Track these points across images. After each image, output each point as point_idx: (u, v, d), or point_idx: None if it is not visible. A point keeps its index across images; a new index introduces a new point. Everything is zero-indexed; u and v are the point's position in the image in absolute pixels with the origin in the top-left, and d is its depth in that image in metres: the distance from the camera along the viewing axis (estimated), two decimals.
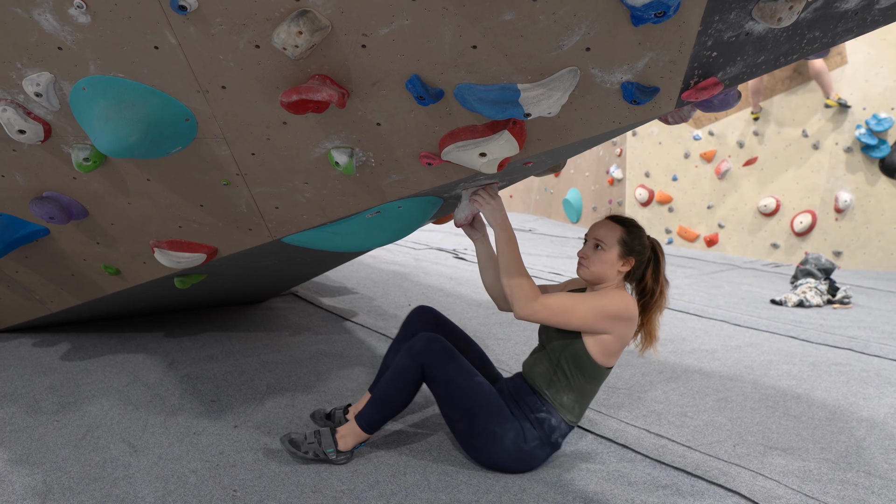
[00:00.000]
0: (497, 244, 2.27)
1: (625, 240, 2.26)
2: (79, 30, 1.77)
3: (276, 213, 2.39)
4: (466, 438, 2.27)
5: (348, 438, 2.29)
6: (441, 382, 2.24)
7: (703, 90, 1.81)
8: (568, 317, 2.17)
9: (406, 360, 2.25)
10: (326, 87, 1.76)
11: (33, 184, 2.42)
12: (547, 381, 2.29)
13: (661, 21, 1.59)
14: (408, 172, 2.13)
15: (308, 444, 2.28)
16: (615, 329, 2.19)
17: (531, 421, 2.25)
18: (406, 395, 2.27)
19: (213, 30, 1.72)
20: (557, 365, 2.27)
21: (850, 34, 1.98)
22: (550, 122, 1.93)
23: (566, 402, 2.27)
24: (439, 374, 2.23)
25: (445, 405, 2.27)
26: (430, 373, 2.23)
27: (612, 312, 2.17)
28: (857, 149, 7.05)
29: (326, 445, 2.27)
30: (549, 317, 2.18)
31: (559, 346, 2.27)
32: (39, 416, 2.61)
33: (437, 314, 2.66)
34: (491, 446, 2.22)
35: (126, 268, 2.85)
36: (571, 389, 2.27)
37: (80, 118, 2.01)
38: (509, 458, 2.23)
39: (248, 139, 2.09)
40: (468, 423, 2.24)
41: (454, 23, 1.63)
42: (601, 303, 2.18)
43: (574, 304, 2.18)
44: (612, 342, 2.22)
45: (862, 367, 3.63)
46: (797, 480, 2.30)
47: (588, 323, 2.17)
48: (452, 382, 2.23)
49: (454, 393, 2.23)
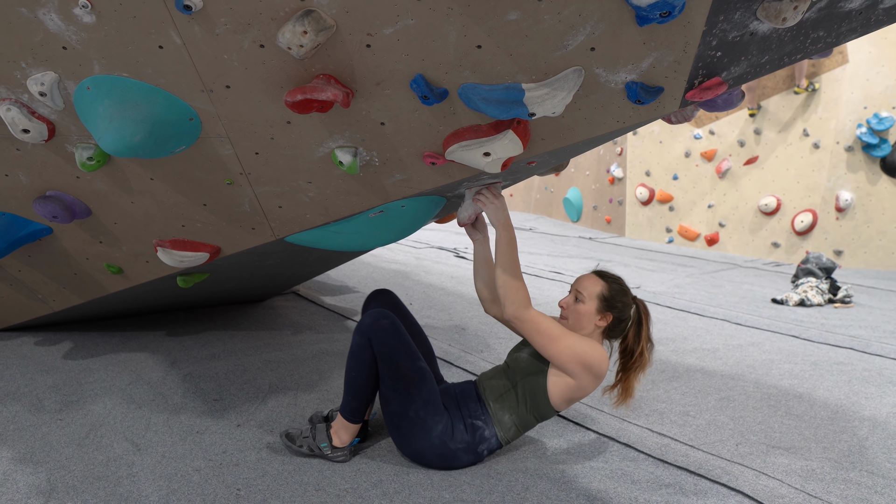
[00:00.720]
0: (497, 243, 2.28)
1: (604, 295, 2.27)
2: (84, 29, 1.78)
3: (279, 213, 2.39)
4: (395, 421, 2.24)
5: (341, 433, 2.30)
6: (384, 359, 2.20)
7: (708, 90, 1.81)
8: (547, 341, 2.18)
9: (357, 337, 2.23)
10: (331, 87, 1.76)
11: (37, 183, 2.42)
12: (497, 395, 2.30)
13: (666, 21, 1.59)
14: (411, 172, 2.13)
15: (303, 438, 2.32)
16: (581, 377, 2.21)
17: (465, 424, 2.25)
18: (367, 375, 2.23)
19: (217, 29, 1.73)
20: (514, 386, 2.29)
21: (854, 34, 1.98)
22: (554, 122, 1.93)
23: (506, 420, 2.28)
24: (384, 350, 2.19)
25: (384, 384, 2.23)
26: (376, 348, 2.20)
27: (586, 361, 2.19)
28: (858, 148, 7.05)
29: (320, 440, 2.30)
30: (531, 330, 2.19)
31: (523, 371, 2.29)
32: (42, 414, 2.61)
33: (395, 298, 2.62)
34: (417, 433, 2.21)
35: (129, 267, 2.85)
36: (516, 413, 2.29)
37: (85, 118, 2.01)
38: (431, 450, 2.22)
39: (251, 138, 2.09)
40: (401, 406, 2.21)
41: (459, 22, 1.63)
42: (581, 347, 2.19)
43: (558, 335, 2.19)
44: (573, 389, 2.24)
45: (864, 367, 3.63)
46: (800, 480, 2.30)
47: (561, 358, 2.18)
48: (395, 361, 2.20)
49: (395, 372, 2.20)
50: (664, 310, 4.90)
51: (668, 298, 5.25)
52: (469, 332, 3.96)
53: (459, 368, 3.29)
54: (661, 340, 4.02)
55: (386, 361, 2.20)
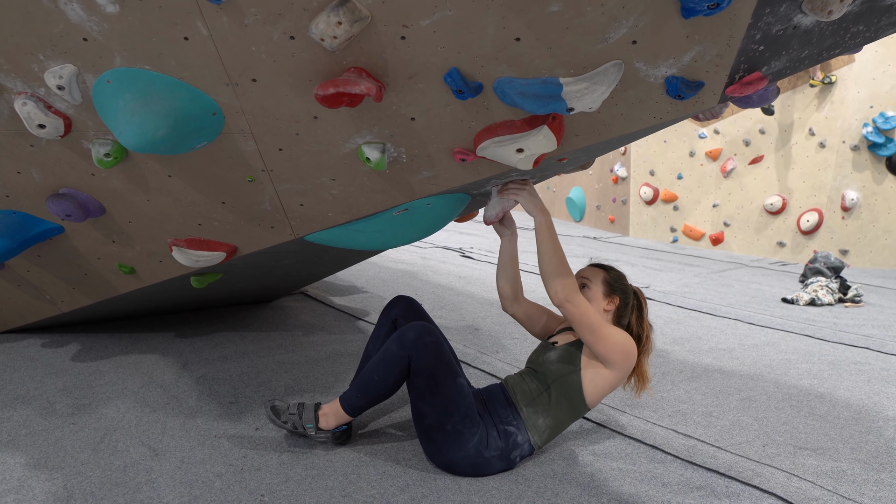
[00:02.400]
0: (538, 230, 2.26)
1: (608, 280, 2.37)
2: (106, 20, 1.72)
3: (300, 211, 2.34)
4: (430, 433, 2.18)
5: (330, 418, 2.28)
6: (424, 377, 2.15)
7: (749, 85, 1.77)
8: (596, 327, 2.17)
9: (395, 348, 2.18)
10: (364, 81, 1.71)
11: (50, 180, 2.36)
12: (529, 398, 2.26)
13: (713, 13, 1.54)
14: (440, 169, 2.08)
15: (289, 414, 2.30)
16: (619, 366, 2.22)
17: (498, 431, 2.20)
18: (391, 385, 2.20)
19: (246, 20, 1.67)
20: (547, 388, 2.26)
21: (893, 28, 1.94)
22: (589, 118, 1.88)
23: (541, 424, 2.25)
24: (424, 369, 2.14)
25: (421, 400, 2.18)
26: (415, 365, 2.15)
27: (627, 349, 2.21)
28: (864, 147, 7.04)
29: (307, 420, 2.29)
30: (580, 315, 2.17)
31: (555, 373, 2.27)
32: (54, 418, 2.55)
33: (420, 307, 2.58)
34: (454, 445, 2.16)
35: (141, 267, 2.79)
36: (550, 415, 2.25)
37: (103, 112, 1.95)
38: (466, 460, 2.17)
39: (276, 134, 2.03)
40: (438, 420, 2.16)
41: (499, 14, 1.58)
42: (622, 335, 2.22)
43: (603, 322, 2.20)
44: (608, 382, 2.25)
45: (881, 366, 3.60)
46: (831, 481, 2.26)
47: (605, 345, 2.18)
48: (436, 379, 2.15)
49: (435, 390, 2.15)
50: (676, 309, 4.86)
51: (678, 298, 5.22)
52: (483, 333, 3.91)
53: (476, 369, 3.24)
54: (677, 340, 3.99)
55: (425, 378, 2.15)
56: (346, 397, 2.27)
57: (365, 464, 2.26)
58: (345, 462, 2.26)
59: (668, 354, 3.68)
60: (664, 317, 4.60)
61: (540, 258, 2.25)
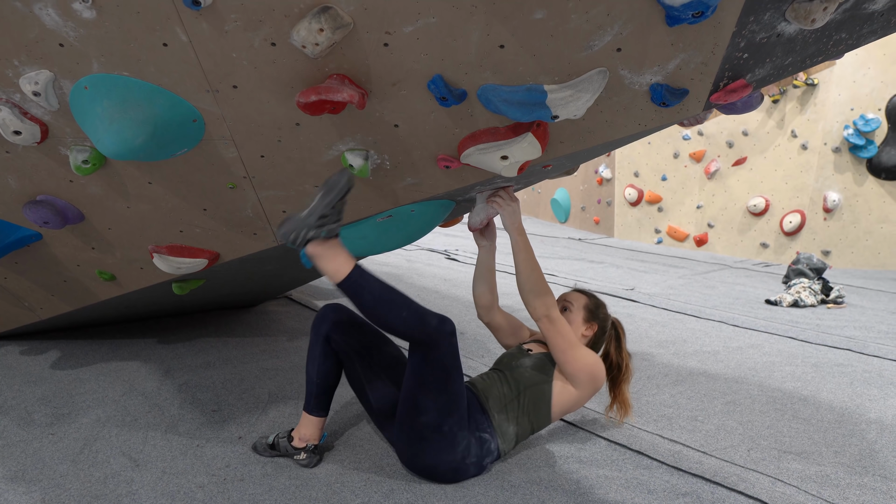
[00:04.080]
0: (515, 249, 2.30)
1: (589, 306, 2.44)
2: (83, 25, 1.68)
3: (282, 218, 2.31)
4: (423, 433, 2.09)
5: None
6: (438, 370, 2.05)
7: (733, 92, 1.77)
8: (567, 346, 2.22)
9: (434, 322, 2.02)
10: (346, 88, 1.69)
11: (27, 187, 2.31)
12: (501, 405, 2.24)
13: (698, 21, 1.54)
14: (424, 176, 2.06)
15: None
16: (585, 388, 2.27)
17: (475, 438, 2.17)
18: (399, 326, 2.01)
19: (227, 26, 1.64)
20: (518, 395, 2.26)
21: (874, 35, 1.95)
22: (574, 125, 1.88)
23: (510, 432, 2.24)
24: (443, 364, 2.05)
25: (424, 392, 2.05)
26: (436, 354, 2.04)
27: (595, 372, 2.26)
28: (846, 149, 7.11)
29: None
30: (556, 332, 2.22)
31: (528, 380, 2.27)
32: (33, 429, 2.50)
33: (349, 312, 2.29)
34: (446, 448, 2.10)
35: (122, 273, 2.75)
36: (518, 423, 2.25)
37: (81, 119, 1.91)
38: (450, 464, 2.12)
39: (257, 141, 2.01)
40: (438, 420, 2.07)
41: (483, 21, 1.57)
42: (592, 357, 2.27)
43: (576, 342, 2.26)
44: (574, 400, 2.29)
45: (863, 368, 3.63)
46: (816, 486, 2.27)
47: (575, 365, 2.23)
48: (448, 375, 2.06)
49: (444, 387, 2.06)
50: (660, 312, 4.88)
51: (663, 300, 5.24)
52: (468, 337, 3.90)
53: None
54: (661, 343, 4.00)
55: (439, 372, 2.06)
56: (359, 272, 2.02)
57: (349, 472, 2.24)
58: (328, 472, 2.24)
59: (652, 358, 3.69)
60: (649, 319, 4.61)
61: (518, 276, 2.28)
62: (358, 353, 2.24)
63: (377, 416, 2.30)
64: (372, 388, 2.26)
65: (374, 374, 2.26)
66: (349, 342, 2.23)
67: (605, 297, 5.32)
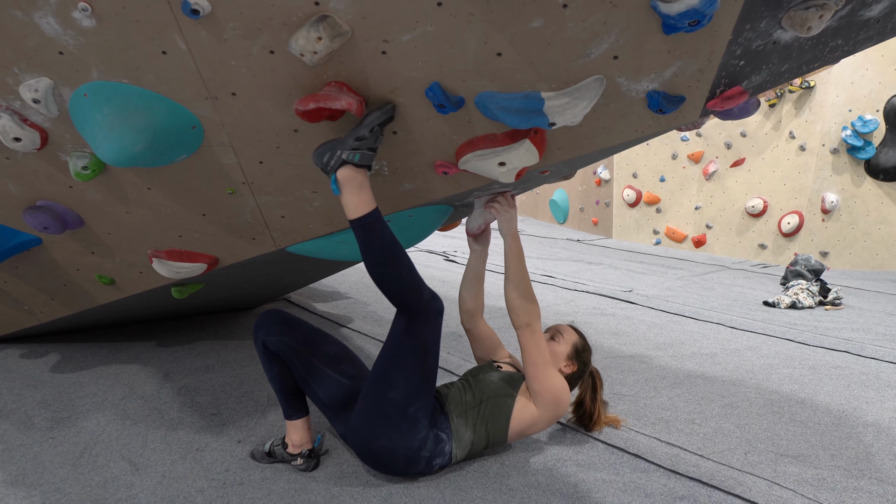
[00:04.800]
0: (508, 254, 2.30)
1: (577, 346, 2.47)
2: (82, 34, 1.69)
3: (281, 223, 2.32)
4: (387, 411, 2.07)
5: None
6: (418, 344, 2.05)
7: (729, 99, 1.78)
8: (540, 361, 2.25)
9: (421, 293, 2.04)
10: (344, 95, 1.70)
11: (27, 193, 2.32)
12: (461, 410, 2.25)
13: (694, 30, 1.55)
14: (422, 182, 2.07)
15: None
16: (546, 410, 2.29)
17: (433, 433, 2.17)
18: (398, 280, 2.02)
19: (225, 35, 1.65)
20: (479, 403, 2.27)
21: (870, 42, 1.96)
22: (572, 131, 1.89)
23: (466, 437, 2.24)
24: (423, 334, 2.04)
25: (398, 365, 2.06)
26: (418, 322, 2.03)
27: (559, 397, 2.30)
28: (844, 150, 7.12)
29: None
30: (534, 344, 2.25)
31: (492, 391, 2.29)
32: (33, 432, 2.51)
33: (284, 315, 2.27)
34: (406, 433, 2.08)
35: (121, 278, 2.76)
36: (475, 431, 2.25)
37: (81, 126, 1.92)
38: (407, 451, 2.10)
39: (256, 147, 2.02)
40: (405, 399, 2.06)
41: (480, 29, 1.58)
42: (561, 382, 2.32)
43: (549, 361, 2.29)
44: (532, 422, 2.30)
45: (861, 370, 3.64)
46: (812, 489, 2.28)
47: (543, 383, 2.26)
48: (426, 353, 2.07)
49: (419, 365, 2.06)
50: (658, 314, 4.89)
51: (661, 302, 5.25)
52: (466, 340, 3.91)
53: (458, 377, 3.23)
54: (659, 345, 4.01)
55: (418, 346, 2.05)
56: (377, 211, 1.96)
57: (347, 475, 2.25)
58: (327, 475, 2.25)
59: (650, 360, 3.70)
60: (647, 321, 4.62)
61: (507, 282, 2.29)
62: (296, 351, 2.19)
63: (329, 410, 2.26)
64: (318, 383, 2.22)
65: (317, 369, 2.21)
66: (285, 342, 2.19)
67: (604, 298, 5.34)
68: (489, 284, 3.43)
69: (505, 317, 4.15)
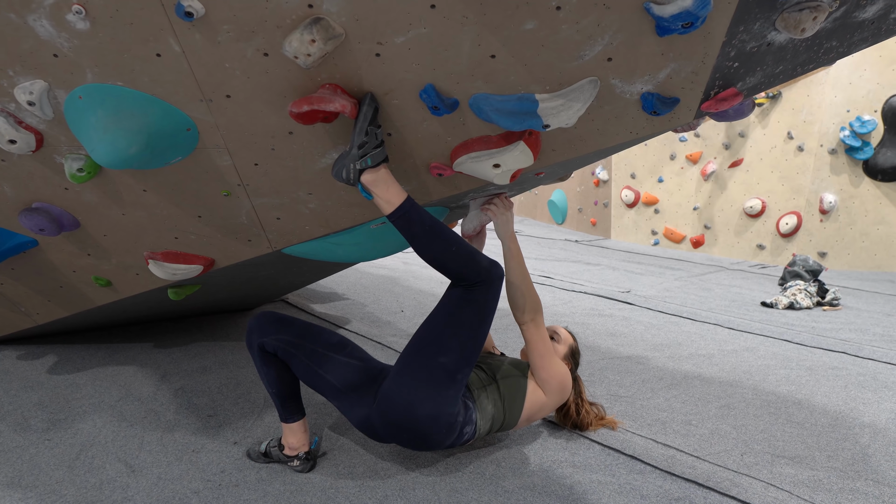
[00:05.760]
0: (507, 256, 2.32)
1: (573, 348, 2.60)
2: (76, 36, 1.69)
3: (277, 224, 2.32)
4: (437, 377, 2.05)
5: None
6: (477, 311, 2.06)
7: (724, 101, 1.78)
8: (545, 352, 2.34)
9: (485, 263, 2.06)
10: (339, 98, 1.70)
11: (22, 195, 2.32)
12: (481, 386, 2.28)
13: (688, 32, 1.55)
14: (417, 183, 2.07)
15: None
16: (553, 396, 2.39)
17: (463, 403, 2.18)
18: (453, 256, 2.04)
19: (219, 37, 1.65)
20: (495, 380, 2.31)
21: (865, 43, 1.96)
22: (566, 133, 1.89)
23: (489, 410, 2.25)
24: (483, 303, 2.06)
25: (454, 333, 2.06)
26: (481, 290, 2.04)
27: (564, 384, 2.41)
28: (842, 151, 7.13)
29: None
30: (539, 337, 2.33)
31: (505, 371, 2.36)
32: (29, 434, 2.51)
33: (276, 315, 2.26)
34: (452, 398, 2.08)
35: (118, 279, 2.75)
36: (496, 406, 2.27)
37: (76, 128, 1.92)
38: (448, 418, 2.08)
39: (251, 149, 2.02)
40: (456, 364, 2.05)
41: (474, 31, 1.58)
42: (564, 370, 2.41)
43: (552, 351, 2.39)
44: (540, 407, 2.38)
45: (858, 371, 3.64)
46: (808, 491, 2.29)
47: (549, 372, 2.35)
48: (482, 322, 2.09)
49: (474, 332, 2.08)
50: (656, 314, 4.89)
51: (659, 303, 5.25)
52: None
53: None
54: (657, 346, 4.01)
55: (477, 314, 2.06)
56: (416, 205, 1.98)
57: (343, 477, 2.25)
58: (323, 477, 2.25)
59: (647, 361, 3.70)
60: (644, 322, 4.62)
61: (508, 284, 2.34)
62: (296, 345, 2.17)
63: (345, 397, 2.18)
64: (328, 369, 2.17)
65: (323, 356, 2.18)
66: (282, 339, 2.17)
67: (601, 299, 5.34)
68: None
69: (504, 317, 4.15)
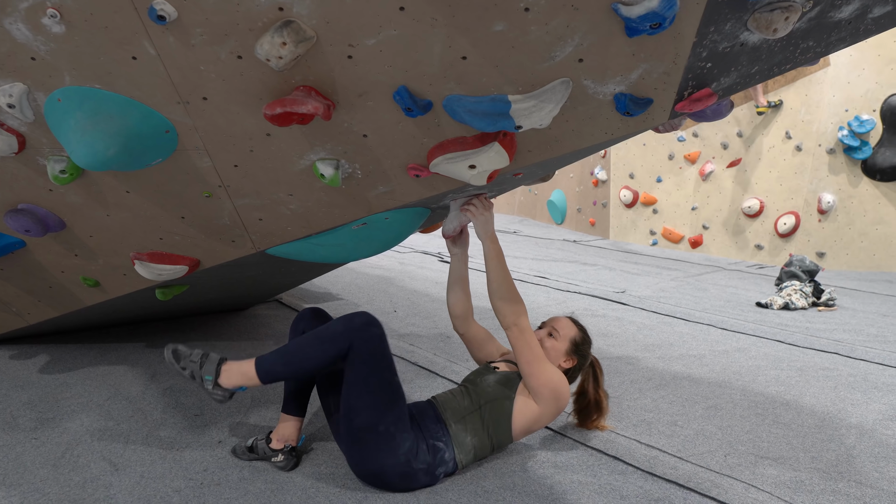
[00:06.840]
0: (487, 257, 2.30)
1: (576, 341, 2.45)
2: (53, 40, 1.71)
3: (259, 225, 2.33)
4: (360, 435, 2.07)
5: (234, 375, 2.10)
6: (364, 368, 2.05)
7: (698, 101, 1.79)
8: (532, 358, 2.25)
9: (339, 328, 2.06)
10: (311, 100, 1.71)
11: (7, 196, 2.34)
12: (459, 416, 2.24)
13: (657, 32, 1.55)
14: (395, 184, 2.08)
15: (190, 361, 2.14)
16: (547, 405, 2.29)
17: (427, 444, 2.16)
18: (319, 363, 2.08)
19: (193, 40, 1.67)
20: (478, 408, 2.27)
21: (843, 43, 1.96)
22: (541, 134, 1.89)
23: (468, 443, 2.23)
24: (365, 359, 2.05)
25: (354, 393, 2.06)
26: (357, 353, 2.04)
27: (558, 390, 2.29)
28: (840, 150, 7.10)
29: (207, 372, 2.11)
30: (524, 342, 2.25)
31: (490, 394, 2.29)
32: (17, 433, 2.53)
33: (328, 316, 2.39)
34: (384, 449, 2.07)
35: (106, 280, 2.77)
36: (477, 436, 2.25)
37: (56, 130, 1.94)
38: (395, 468, 2.09)
39: (230, 151, 2.03)
40: (371, 420, 2.05)
41: (443, 33, 1.59)
42: (558, 375, 2.30)
43: (542, 356, 2.28)
44: (535, 418, 2.30)
45: (849, 372, 3.64)
46: (789, 492, 2.28)
47: (539, 379, 2.25)
48: (376, 373, 2.06)
49: (372, 386, 2.06)
50: (650, 315, 4.89)
51: (653, 303, 5.25)
52: (453, 341, 3.92)
53: (445, 379, 3.24)
54: (648, 347, 4.01)
55: (364, 370, 2.06)
56: (263, 360, 2.10)
57: (324, 478, 2.26)
58: (304, 476, 2.26)
59: (637, 362, 3.70)
60: (637, 323, 4.62)
61: (489, 284, 2.31)
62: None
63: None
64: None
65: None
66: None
67: (596, 299, 5.34)
68: (473, 284, 3.44)
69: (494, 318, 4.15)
